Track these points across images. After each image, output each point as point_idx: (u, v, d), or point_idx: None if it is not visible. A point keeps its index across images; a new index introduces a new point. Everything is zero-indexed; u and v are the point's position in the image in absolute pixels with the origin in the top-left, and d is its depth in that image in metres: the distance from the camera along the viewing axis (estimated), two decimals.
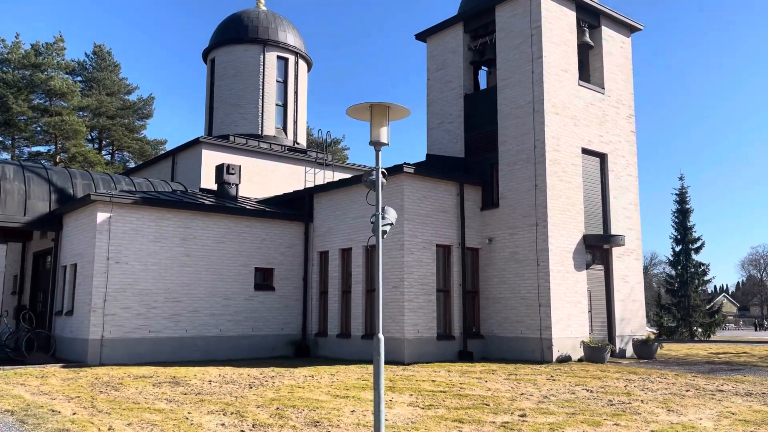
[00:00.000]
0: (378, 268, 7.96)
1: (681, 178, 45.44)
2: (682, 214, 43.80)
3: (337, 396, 11.15)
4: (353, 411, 9.72)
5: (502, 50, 19.67)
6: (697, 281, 43.63)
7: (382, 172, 8.45)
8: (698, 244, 43.67)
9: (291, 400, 10.68)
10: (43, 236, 21.36)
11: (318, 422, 8.86)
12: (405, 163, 17.60)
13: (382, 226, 8.27)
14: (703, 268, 43.63)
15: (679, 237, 43.82)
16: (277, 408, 9.89)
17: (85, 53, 51.20)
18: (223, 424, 8.71)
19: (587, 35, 20.20)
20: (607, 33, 20.82)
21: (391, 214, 8.62)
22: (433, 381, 13.21)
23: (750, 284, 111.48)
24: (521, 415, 9.45)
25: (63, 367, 15.62)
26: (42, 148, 45.07)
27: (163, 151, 50.55)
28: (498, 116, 19.43)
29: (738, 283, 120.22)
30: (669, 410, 10.02)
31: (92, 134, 48.27)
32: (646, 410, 9.97)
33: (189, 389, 11.94)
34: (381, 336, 7.86)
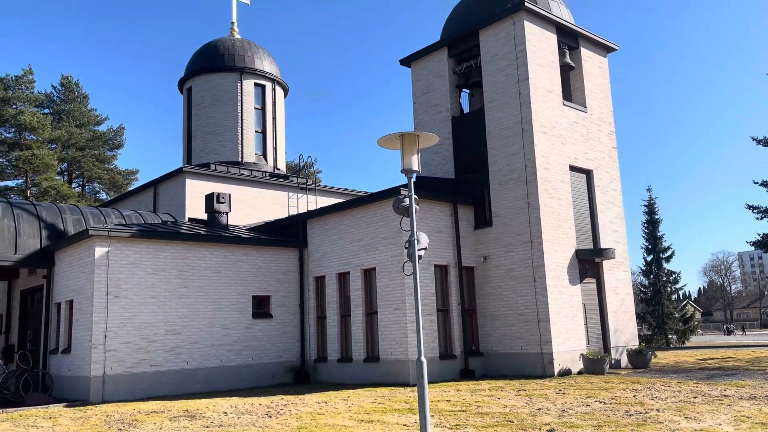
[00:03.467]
0: (416, 293, 8.18)
1: (649, 190, 46.63)
2: (652, 224, 44.96)
3: (362, 421, 11.22)
4: None
5: (488, 73, 20.21)
6: (669, 289, 44.78)
7: (415, 199, 8.70)
8: (668, 253, 44.88)
9: (318, 427, 10.72)
10: (32, 273, 20.93)
11: None
12: (401, 186, 17.89)
13: (418, 250, 8.51)
14: (674, 276, 44.84)
15: (650, 247, 44.95)
16: None
17: (52, 85, 50.43)
18: None
19: (568, 56, 20.92)
20: (586, 54, 21.59)
21: (424, 239, 8.87)
22: (447, 401, 13.38)
23: (712, 290, 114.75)
24: (550, 431, 9.69)
25: (66, 406, 15.29)
26: (11, 183, 44.19)
27: (135, 181, 49.96)
28: (487, 137, 19.91)
29: (700, 288, 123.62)
30: (687, 417, 10.38)
31: (62, 166, 47.46)
32: (665, 419, 10.30)
33: (208, 422, 11.86)
34: (424, 359, 8.07)
